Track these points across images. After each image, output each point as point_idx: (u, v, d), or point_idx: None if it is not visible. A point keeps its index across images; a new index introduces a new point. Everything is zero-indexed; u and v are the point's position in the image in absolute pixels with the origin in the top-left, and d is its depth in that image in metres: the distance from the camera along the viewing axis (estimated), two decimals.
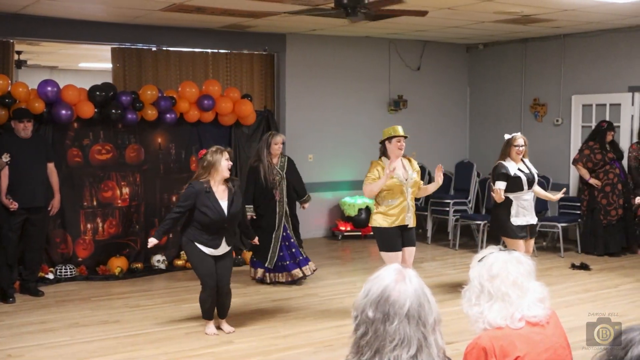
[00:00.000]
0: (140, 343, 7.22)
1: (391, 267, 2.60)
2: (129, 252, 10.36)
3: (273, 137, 9.35)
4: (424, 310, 2.49)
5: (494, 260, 3.45)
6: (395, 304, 2.47)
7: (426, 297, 2.53)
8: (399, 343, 2.43)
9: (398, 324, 2.45)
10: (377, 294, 2.50)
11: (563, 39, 12.90)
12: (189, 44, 11.73)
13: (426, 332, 2.48)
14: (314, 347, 7.12)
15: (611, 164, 11.28)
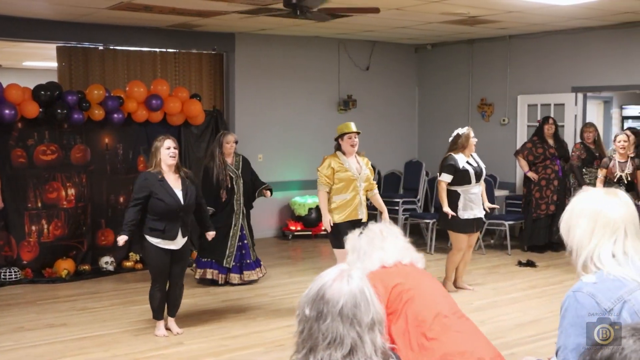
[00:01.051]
0: (88, 346, 7.16)
1: (336, 267, 2.59)
2: (76, 254, 10.24)
3: (225, 137, 9.42)
4: (359, 310, 2.47)
5: (373, 228, 4.64)
6: (329, 302, 2.46)
7: (364, 296, 2.50)
8: (331, 341, 2.43)
9: (330, 322, 2.44)
10: (314, 293, 2.51)
11: (509, 40, 13.08)
12: (137, 43, 11.70)
13: (361, 332, 2.46)
14: (265, 347, 7.15)
15: (552, 160, 11.45)
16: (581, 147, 11.21)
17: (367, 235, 4.59)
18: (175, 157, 7.28)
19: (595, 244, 2.83)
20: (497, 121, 13.35)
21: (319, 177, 8.06)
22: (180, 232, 7.28)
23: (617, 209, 2.86)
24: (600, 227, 2.83)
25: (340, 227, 7.89)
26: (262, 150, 12.35)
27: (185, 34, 11.85)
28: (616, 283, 2.76)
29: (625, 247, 2.83)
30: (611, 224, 2.82)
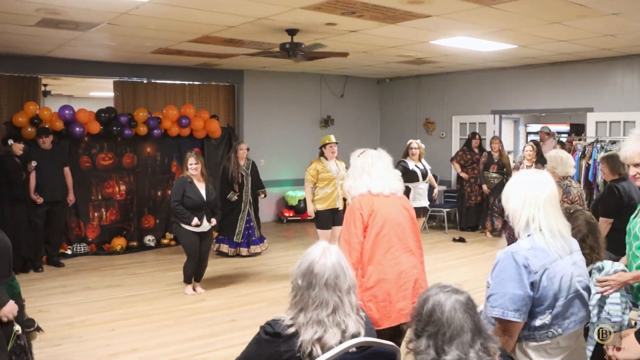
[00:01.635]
0: (137, 301, 7.29)
1: (319, 245, 2.65)
2: (126, 233, 10.34)
3: (239, 145, 9.53)
4: (339, 280, 2.55)
5: (371, 154, 4.40)
6: (317, 275, 2.53)
7: (342, 268, 2.58)
8: (319, 304, 2.51)
9: (318, 291, 2.52)
10: (305, 267, 2.57)
11: (446, 75, 13.10)
12: (171, 78, 11.65)
13: (341, 296, 2.55)
14: (266, 302, 7.23)
15: (477, 164, 11.48)
16: (486, 155, 11.26)
17: (362, 158, 4.39)
18: (197, 170, 7.35)
19: (527, 213, 2.84)
20: (438, 135, 13.36)
21: (306, 176, 8.16)
22: (205, 219, 7.40)
23: (544, 186, 2.89)
24: (532, 200, 2.84)
25: (322, 214, 8.06)
26: (264, 156, 12.34)
27: (207, 70, 11.87)
28: (543, 252, 2.78)
29: (553, 217, 2.85)
30: (537, 198, 2.85)
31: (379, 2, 6.21)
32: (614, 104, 10.22)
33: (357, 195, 4.24)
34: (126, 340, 5.98)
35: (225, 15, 6.81)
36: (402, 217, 4.18)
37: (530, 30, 7.72)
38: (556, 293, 2.78)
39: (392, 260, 4.06)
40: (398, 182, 4.33)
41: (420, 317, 2.35)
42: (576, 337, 2.94)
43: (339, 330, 2.50)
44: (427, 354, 2.28)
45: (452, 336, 2.27)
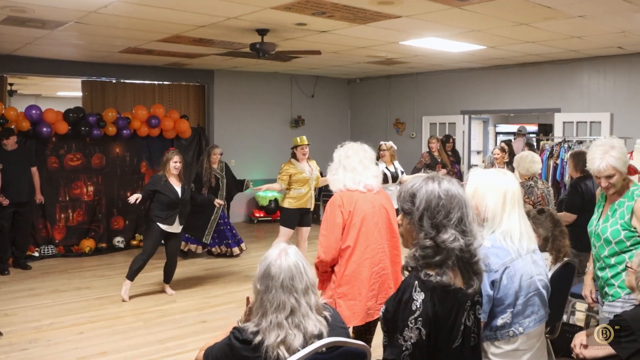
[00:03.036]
0: (106, 303, 7.23)
1: (277, 247, 2.65)
2: (95, 234, 10.23)
3: (213, 149, 9.45)
4: (295, 281, 2.54)
5: (350, 146, 4.23)
6: (273, 278, 2.54)
7: (298, 269, 2.57)
8: (276, 307, 2.50)
9: (275, 293, 2.52)
10: (262, 271, 2.58)
11: (416, 75, 13.17)
12: (141, 77, 11.58)
13: (298, 297, 2.53)
14: (236, 303, 7.22)
15: (452, 165, 11.50)
16: (427, 154, 11.10)
17: (340, 150, 4.33)
18: (179, 169, 7.35)
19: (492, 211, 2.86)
20: (408, 135, 13.42)
21: (278, 178, 8.06)
22: (178, 220, 7.38)
23: (515, 185, 2.92)
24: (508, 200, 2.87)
25: (289, 212, 7.96)
26: (234, 156, 12.24)
27: (177, 70, 11.82)
28: (503, 251, 2.81)
29: (512, 217, 2.86)
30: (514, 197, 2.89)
31: (349, 3, 6.23)
32: (580, 105, 10.39)
33: (337, 190, 4.21)
34: (95, 343, 5.91)
35: (195, 15, 6.78)
36: (379, 217, 4.14)
37: (499, 32, 7.81)
38: (517, 292, 2.80)
39: (367, 259, 4.05)
40: (373, 179, 4.23)
41: (437, 208, 2.28)
42: (538, 337, 2.97)
43: (299, 332, 2.50)
44: (458, 242, 2.26)
45: (471, 217, 2.33)
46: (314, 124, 13.91)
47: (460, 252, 2.26)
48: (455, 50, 9.37)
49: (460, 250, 2.26)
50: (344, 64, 11.64)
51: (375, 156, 8.98)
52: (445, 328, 2.27)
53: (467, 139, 12.45)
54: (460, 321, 2.31)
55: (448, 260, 2.26)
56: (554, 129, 10.85)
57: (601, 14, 6.66)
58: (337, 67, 12.13)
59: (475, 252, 2.30)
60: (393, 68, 12.23)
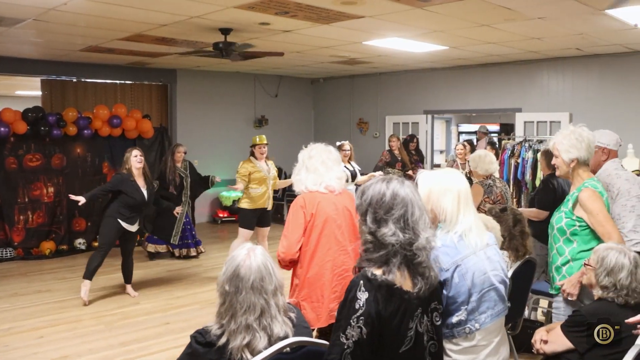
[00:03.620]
0: (67, 306, 7.11)
1: (243, 248, 2.63)
2: (56, 236, 10.07)
3: (177, 147, 9.39)
4: (265, 282, 2.52)
5: (313, 147, 4.20)
6: (243, 279, 2.50)
7: (267, 270, 2.56)
8: (246, 309, 2.48)
9: (245, 295, 2.49)
10: (231, 272, 2.54)
11: (379, 75, 13.24)
12: (102, 77, 11.42)
13: (268, 298, 2.52)
14: (200, 304, 7.21)
15: (416, 164, 11.57)
16: (387, 153, 11.17)
17: (304, 151, 4.29)
18: (142, 162, 7.24)
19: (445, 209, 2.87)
20: (371, 135, 13.49)
21: (237, 177, 8.02)
22: (138, 220, 7.35)
23: (458, 183, 2.92)
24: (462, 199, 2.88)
25: (247, 213, 7.95)
26: (197, 156, 12.08)
27: (139, 69, 11.69)
28: (454, 250, 2.80)
29: (465, 214, 2.88)
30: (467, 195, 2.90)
31: (312, 3, 6.24)
32: (540, 105, 10.57)
33: (300, 191, 4.19)
34: (55, 347, 5.82)
35: (157, 14, 6.71)
36: (342, 219, 4.11)
37: (461, 32, 7.90)
38: (469, 289, 2.81)
39: (329, 262, 4.03)
40: (336, 180, 4.19)
41: (380, 203, 2.36)
42: (497, 331, 2.99)
43: (265, 334, 2.50)
44: (397, 237, 2.30)
45: (418, 217, 2.35)
46: (277, 123, 13.90)
47: (402, 249, 2.29)
48: (418, 50, 9.44)
49: (401, 247, 2.29)
50: (308, 64, 11.65)
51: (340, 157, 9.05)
52: (390, 329, 2.28)
53: (430, 138, 12.55)
54: (408, 325, 2.32)
55: (393, 259, 2.30)
56: (515, 129, 11.00)
57: (560, 16, 6.78)
58: (301, 66, 12.13)
59: (418, 252, 2.31)
60: (356, 68, 12.27)
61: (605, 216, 3.75)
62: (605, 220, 3.75)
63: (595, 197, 3.77)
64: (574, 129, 3.88)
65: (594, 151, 4.04)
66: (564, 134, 3.90)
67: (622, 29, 7.48)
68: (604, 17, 6.74)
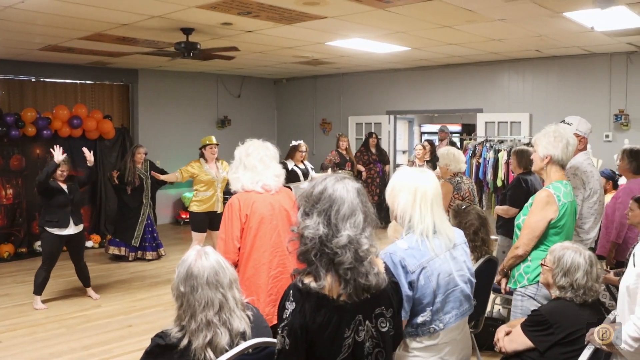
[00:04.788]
0: (26, 310, 6.99)
1: (193, 250, 2.65)
2: (15, 239, 9.87)
3: (136, 148, 9.35)
4: (219, 276, 2.57)
5: (251, 143, 4.14)
6: (197, 277, 2.54)
7: (220, 265, 2.60)
8: (205, 305, 2.51)
9: (202, 291, 2.52)
10: (184, 273, 2.57)
11: (342, 76, 13.29)
12: (62, 76, 11.23)
13: (224, 292, 2.56)
14: (163, 306, 7.15)
15: (374, 164, 11.64)
16: (335, 153, 11.09)
17: (240, 148, 4.22)
18: (64, 177, 7.13)
19: (413, 210, 2.84)
20: (334, 135, 13.19)
21: (180, 169, 8.06)
22: (72, 220, 7.15)
23: (427, 183, 2.88)
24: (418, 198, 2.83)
25: (197, 216, 7.93)
26: (159, 157, 11.89)
27: (100, 69, 11.53)
28: (420, 252, 2.78)
29: (433, 216, 2.84)
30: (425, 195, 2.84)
31: (274, 3, 6.23)
32: (501, 105, 10.72)
33: (236, 190, 4.10)
34: (14, 352, 5.71)
35: (118, 13, 6.63)
36: (279, 219, 4.03)
37: (423, 34, 7.96)
38: (434, 290, 2.82)
39: (264, 264, 3.98)
40: (274, 178, 4.11)
41: (309, 197, 2.32)
42: (460, 329, 3.01)
43: (226, 329, 2.51)
44: (316, 230, 2.24)
45: (345, 214, 2.25)
46: (240, 124, 13.84)
47: (321, 245, 2.23)
48: (380, 51, 9.49)
49: (320, 242, 2.23)
50: (271, 64, 11.64)
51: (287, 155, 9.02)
52: (322, 340, 2.22)
53: (392, 138, 12.62)
54: (344, 335, 2.24)
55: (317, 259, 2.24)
56: (476, 129, 11.13)
57: (519, 18, 6.88)
58: (264, 67, 12.11)
59: (338, 250, 2.22)
60: (319, 68, 12.30)
61: (535, 223, 3.83)
62: (530, 225, 3.85)
63: (546, 201, 3.83)
64: (556, 128, 3.95)
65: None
66: (545, 131, 3.97)
67: (580, 32, 7.63)
68: (562, 19, 6.87)
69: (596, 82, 9.59)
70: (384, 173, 11.83)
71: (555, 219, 3.82)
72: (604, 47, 8.91)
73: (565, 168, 4.09)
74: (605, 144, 9.38)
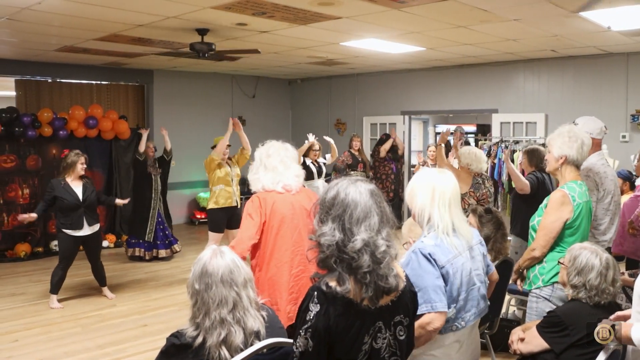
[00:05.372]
0: (42, 309, 7.03)
1: (209, 249, 2.67)
2: (31, 239, 9.95)
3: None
4: (234, 274, 2.57)
5: (271, 145, 4.13)
6: (212, 275, 2.55)
7: (235, 264, 2.61)
8: (219, 303, 2.52)
9: (216, 289, 2.53)
10: (199, 271, 2.59)
11: (356, 76, 13.28)
12: (77, 77, 11.30)
13: (239, 291, 2.57)
14: (178, 306, 7.16)
15: (388, 162, 11.61)
16: (348, 154, 11.10)
17: (261, 149, 4.22)
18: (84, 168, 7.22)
19: (433, 210, 2.88)
20: (349, 136, 13.17)
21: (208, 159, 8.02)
22: (86, 222, 7.15)
23: (446, 184, 2.93)
24: (436, 198, 2.88)
25: (215, 214, 7.82)
26: (175, 158, 11.95)
27: (115, 70, 11.59)
28: (447, 249, 2.84)
29: (451, 215, 2.89)
30: (443, 195, 2.89)
31: (289, 3, 6.23)
32: (516, 106, 10.66)
33: (256, 190, 4.12)
34: (30, 351, 5.74)
35: (133, 14, 6.66)
36: (299, 219, 4.04)
37: (438, 34, 7.93)
38: (459, 287, 2.88)
39: (285, 263, 3.98)
40: (295, 178, 4.14)
41: (323, 203, 2.32)
42: (470, 329, 3.05)
43: (240, 327, 2.52)
44: (332, 236, 2.22)
45: (359, 218, 2.24)
46: (255, 124, 13.83)
47: (338, 252, 2.22)
48: (395, 51, 9.46)
49: (337, 249, 2.22)
50: (285, 65, 11.64)
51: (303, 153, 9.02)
52: (343, 344, 2.22)
53: (407, 139, 12.57)
54: (362, 340, 2.24)
55: (336, 265, 2.23)
56: (491, 129, 11.08)
57: (534, 18, 6.84)
58: (278, 67, 12.11)
59: (354, 255, 2.21)
60: (334, 69, 12.28)
61: (551, 224, 3.80)
62: (545, 226, 3.82)
63: (561, 202, 3.80)
64: (571, 128, 3.92)
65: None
66: (559, 131, 3.94)
67: (595, 31, 7.57)
68: (577, 19, 6.82)
69: (612, 82, 9.51)
70: (398, 171, 11.79)
71: (571, 219, 3.80)
72: (621, 46, 8.84)
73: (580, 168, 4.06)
74: (622, 145, 9.29)
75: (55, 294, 7.20)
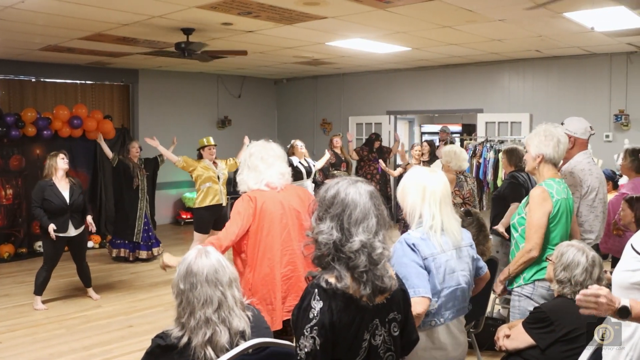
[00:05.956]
0: (26, 311, 6.97)
1: (194, 249, 2.67)
2: (15, 239, 9.87)
3: (130, 143, 9.62)
4: (219, 274, 2.56)
5: (253, 144, 4.12)
6: (197, 274, 2.54)
7: (220, 263, 2.60)
8: (204, 302, 2.51)
9: (201, 288, 2.52)
10: (184, 271, 2.58)
11: (342, 76, 13.30)
12: (62, 76, 11.23)
13: (224, 290, 2.56)
14: (164, 307, 7.12)
15: (373, 161, 11.46)
16: (331, 153, 10.85)
17: (247, 149, 4.18)
18: (67, 164, 7.14)
19: (423, 208, 2.95)
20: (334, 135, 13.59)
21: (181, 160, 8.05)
22: (72, 224, 7.08)
23: (437, 183, 2.99)
24: (427, 197, 2.95)
25: (201, 214, 7.84)
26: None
27: (100, 69, 11.53)
28: (432, 244, 2.91)
29: (442, 214, 2.95)
30: (434, 195, 2.95)
31: (275, 3, 6.24)
32: (501, 106, 10.72)
33: (243, 191, 4.09)
34: (14, 353, 5.70)
35: (118, 13, 6.64)
36: (289, 217, 4.01)
37: (423, 34, 7.97)
38: (440, 283, 2.92)
39: (277, 263, 3.96)
40: (277, 176, 4.07)
41: (323, 201, 2.33)
42: (455, 327, 3.09)
43: (225, 327, 2.52)
44: (330, 235, 2.25)
45: (358, 219, 2.26)
46: (240, 124, 13.80)
47: (335, 251, 2.24)
48: (380, 51, 9.49)
49: (335, 248, 2.24)
50: (271, 64, 11.64)
51: (288, 152, 9.03)
52: (345, 340, 2.24)
53: (393, 139, 12.54)
54: (363, 337, 2.27)
55: (333, 263, 2.24)
56: (477, 129, 11.13)
57: (520, 18, 6.88)
58: (264, 67, 12.11)
59: (351, 255, 2.23)
60: (319, 69, 12.30)
61: (538, 220, 3.81)
62: (534, 224, 3.82)
63: (542, 197, 3.82)
64: (547, 127, 3.95)
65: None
66: (536, 131, 3.99)
67: (579, 32, 7.63)
68: (562, 20, 6.87)
69: (596, 83, 9.60)
70: (383, 170, 11.76)
71: (551, 215, 3.83)
72: (604, 47, 8.92)
73: (559, 166, 4.10)
74: (606, 144, 9.38)
75: (39, 295, 7.14)
